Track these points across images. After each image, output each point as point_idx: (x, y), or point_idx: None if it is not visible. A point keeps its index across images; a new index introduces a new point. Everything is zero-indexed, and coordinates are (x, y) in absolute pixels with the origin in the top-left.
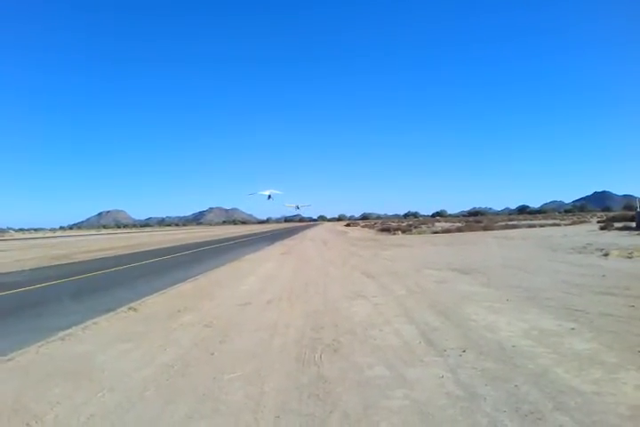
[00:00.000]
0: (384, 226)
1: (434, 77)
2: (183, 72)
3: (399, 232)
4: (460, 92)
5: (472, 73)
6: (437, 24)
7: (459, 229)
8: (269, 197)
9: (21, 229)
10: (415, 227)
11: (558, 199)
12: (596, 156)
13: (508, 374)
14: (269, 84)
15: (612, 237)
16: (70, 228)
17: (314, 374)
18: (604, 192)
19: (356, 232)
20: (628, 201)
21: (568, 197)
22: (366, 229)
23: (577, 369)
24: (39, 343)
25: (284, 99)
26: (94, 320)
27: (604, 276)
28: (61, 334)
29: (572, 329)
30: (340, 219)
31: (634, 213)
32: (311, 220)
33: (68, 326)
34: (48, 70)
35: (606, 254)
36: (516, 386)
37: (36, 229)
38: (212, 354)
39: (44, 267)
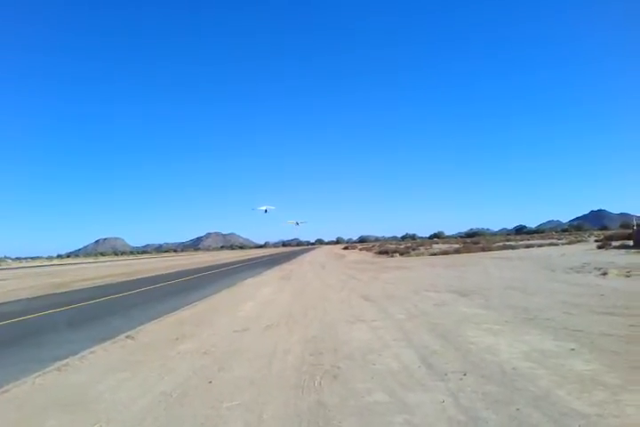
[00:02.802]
0: (382, 248)
1: (429, 97)
2: (177, 96)
3: (397, 255)
4: (456, 112)
5: (465, 91)
6: (433, 40)
7: (457, 251)
8: (266, 211)
9: (18, 258)
10: (413, 249)
11: (555, 219)
12: (591, 174)
13: (509, 397)
14: (264, 109)
15: (610, 256)
16: (67, 256)
17: (313, 401)
18: (600, 211)
19: (354, 255)
20: (624, 219)
21: (565, 217)
22: (364, 251)
23: (579, 391)
24: (35, 374)
25: (279, 121)
26: (91, 349)
27: (602, 295)
28: (58, 364)
29: (573, 350)
30: (337, 242)
31: (631, 231)
32: (309, 243)
33: (65, 356)
34: (42, 95)
35: (604, 274)
36: (517, 409)
37: (32, 258)
38: (211, 382)
39: (40, 296)
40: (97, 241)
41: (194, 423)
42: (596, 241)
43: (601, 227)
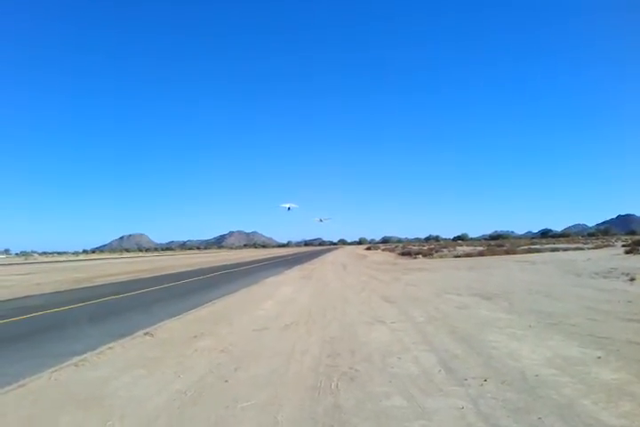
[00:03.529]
0: (405, 250)
1: (456, 99)
2: (204, 94)
3: (420, 256)
4: (485, 115)
5: (490, 92)
6: (442, 46)
7: (480, 254)
8: (289, 208)
9: (45, 253)
10: (436, 251)
11: (581, 222)
12: (619, 178)
13: (531, 405)
14: (292, 108)
15: (638, 262)
16: (92, 251)
17: (329, 403)
18: (628, 215)
19: (376, 256)
20: None
21: (591, 221)
22: (387, 252)
23: (605, 401)
24: (52, 369)
25: (305, 121)
26: (109, 345)
27: (630, 302)
28: (76, 359)
29: (599, 358)
30: (360, 242)
31: None
32: (331, 243)
33: (83, 351)
34: (75, 93)
35: (632, 279)
36: (539, 418)
37: (59, 253)
38: (227, 381)
39: (63, 290)
40: (122, 237)
41: (207, 424)
42: (624, 246)
43: (628, 231)
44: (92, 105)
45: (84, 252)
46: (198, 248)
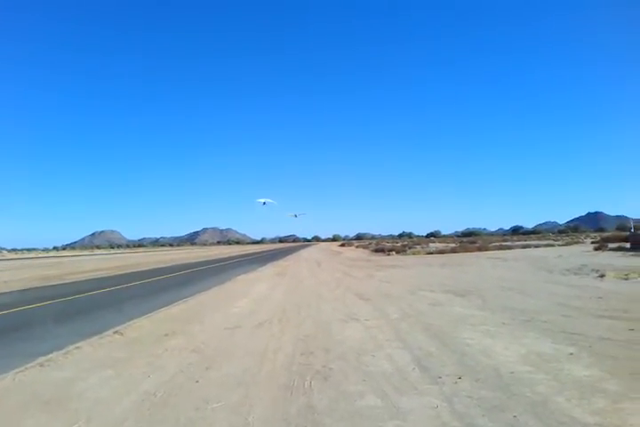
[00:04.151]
0: (378, 246)
1: (426, 96)
2: (176, 91)
3: (393, 253)
4: (454, 112)
5: (462, 91)
6: (428, 40)
7: (453, 250)
8: (264, 203)
9: (14, 250)
10: (409, 247)
11: (552, 220)
12: (589, 176)
13: (506, 403)
14: (263, 105)
15: (607, 258)
16: (63, 248)
17: (302, 403)
18: (597, 213)
19: (350, 253)
20: (620, 222)
21: (562, 218)
22: (360, 249)
23: (578, 398)
24: (16, 370)
25: (277, 117)
26: (77, 345)
27: (600, 298)
28: (41, 359)
29: (571, 354)
30: (334, 239)
31: (627, 233)
32: (305, 240)
33: (50, 351)
34: (38, 86)
35: (602, 276)
36: (514, 417)
37: (28, 250)
38: (197, 381)
39: (32, 288)
40: (93, 234)
41: (177, 425)
42: (593, 243)
43: (597, 229)
44: (58, 100)
45: (55, 248)
46: (171, 245)
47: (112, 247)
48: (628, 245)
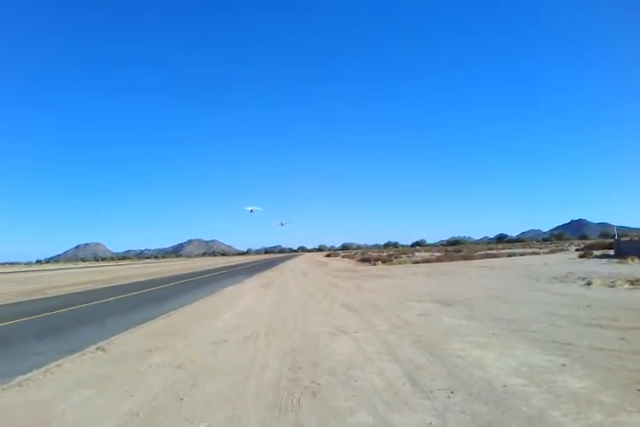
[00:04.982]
0: (364, 256)
1: (408, 106)
2: (160, 104)
3: (379, 262)
4: (438, 122)
5: (446, 100)
6: (423, 47)
7: (439, 259)
8: (251, 211)
9: None
10: (395, 257)
11: (536, 228)
12: (572, 184)
13: (500, 418)
14: (249, 115)
15: (593, 266)
16: (47, 261)
17: (291, 422)
18: (580, 220)
19: (336, 263)
20: (603, 229)
21: (545, 226)
22: (346, 259)
23: (575, 412)
24: None
25: (262, 128)
26: (58, 362)
27: (589, 306)
28: (20, 378)
29: (564, 365)
30: (320, 249)
31: (611, 240)
32: (291, 250)
33: (29, 370)
34: (20, 102)
35: (589, 283)
36: None
37: (11, 263)
38: (182, 400)
39: (13, 303)
40: (77, 246)
41: None
42: (578, 250)
43: (581, 236)
44: (42, 114)
45: (38, 262)
46: (156, 257)
47: (97, 260)
48: (612, 252)
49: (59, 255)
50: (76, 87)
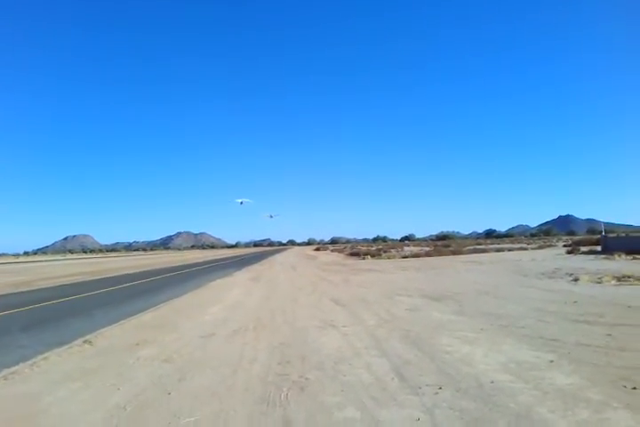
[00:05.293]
0: (353, 250)
1: (402, 98)
2: (149, 96)
3: (369, 257)
4: (429, 117)
5: (439, 94)
6: (418, 39)
7: (428, 254)
8: (241, 203)
9: None
10: (384, 251)
11: (524, 223)
12: (560, 180)
13: (488, 414)
14: (236, 107)
15: (580, 262)
16: (35, 253)
17: (279, 416)
18: (567, 216)
19: (325, 257)
20: (590, 225)
21: (533, 221)
22: (335, 253)
23: (561, 408)
24: None
25: (252, 120)
26: (45, 355)
27: (576, 302)
28: (5, 372)
29: (551, 362)
30: (309, 243)
31: (598, 236)
32: (280, 244)
33: (15, 363)
34: (11, 91)
35: (576, 280)
36: None
37: None
38: (169, 394)
39: (0, 295)
40: (65, 238)
41: None
42: (565, 246)
43: (568, 232)
44: (32, 102)
45: (26, 253)
46: (144, 249)
47: (85, 252)
48: (599, 248)
49: (47, 247)
50: (71, 77)
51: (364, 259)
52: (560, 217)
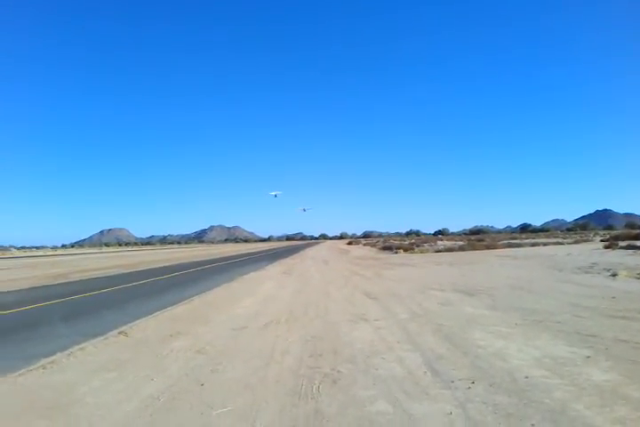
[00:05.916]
0: (386, 244)
1: (436, 93)
2: (183, 90)
3: (401, 251)
4: (463, 111)
5: (469, 89)
6: (431, 35)
7: (461, 248)
8: (275, 195)
9: (23, 247)
10: (417, 245)
11: (560, 217)
12: (597, 173)
13: (522, 410)
14: (270, 102)
15: (618, 257)
16: (72, 246)
17: (311, 409)
18: (605, 210)
19: (357, 251)
20: (629, 219)
21: (570, 216)
22: (368, 247)
23: (599, 405)
24: (18, 372)
25: (284, 115)
26: (81, 346)
27: (614, 298)
28: (44, 361)
29: (588, 357)
30: (341, 237)
31: (638, 231)
32: (313, 238)
33: (53, 353)
34: (41, 83)
35: (614, 275)
36: (532, 425)
37: (37, 247)
38: (202, 385)
39: (39, 287)
40: (102, 231)
41: None
42: (602, 241)
43: (606, 226)
44: (71, 99)
45: (64, 246)
46: (179, 243)
47: (120, 245)
48: (638, 243)
49: (83, 240)
50: (111, 69)
51: (396, 253)
52: (597, 211)
